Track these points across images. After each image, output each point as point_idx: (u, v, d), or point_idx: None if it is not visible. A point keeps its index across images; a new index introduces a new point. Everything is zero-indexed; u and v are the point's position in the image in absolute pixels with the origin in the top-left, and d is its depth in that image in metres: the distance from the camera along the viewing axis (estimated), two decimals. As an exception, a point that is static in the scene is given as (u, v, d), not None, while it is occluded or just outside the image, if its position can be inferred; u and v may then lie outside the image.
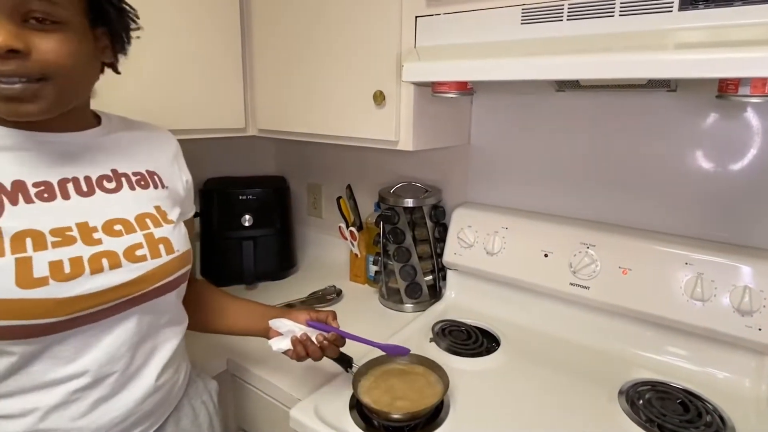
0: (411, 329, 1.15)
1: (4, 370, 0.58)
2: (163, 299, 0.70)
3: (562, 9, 0.78)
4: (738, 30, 0.64)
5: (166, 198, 0.75)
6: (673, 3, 0.69)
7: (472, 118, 1.28)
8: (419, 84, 1.00)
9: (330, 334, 0.82)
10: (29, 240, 0.57)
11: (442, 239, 1.29)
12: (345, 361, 0.91)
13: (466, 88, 0.97)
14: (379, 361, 0.92)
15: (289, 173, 1.77)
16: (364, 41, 1.03)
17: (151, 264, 0.67)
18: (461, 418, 0.84)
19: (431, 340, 1.09)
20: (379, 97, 1.01)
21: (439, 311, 1.25)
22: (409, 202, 1.25)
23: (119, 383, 0.66)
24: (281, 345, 0.82)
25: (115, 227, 0.65)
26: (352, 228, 1.43)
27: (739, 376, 0.92)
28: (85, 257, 0.60)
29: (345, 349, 0.91)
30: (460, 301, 1.29)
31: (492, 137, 1.26)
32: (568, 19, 0.78)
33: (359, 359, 0.91)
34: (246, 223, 1.44)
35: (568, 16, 0.77)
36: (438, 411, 0.84)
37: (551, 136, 1.16)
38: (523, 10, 0.81)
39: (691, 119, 0.99)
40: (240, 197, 1.45)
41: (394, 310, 1.30)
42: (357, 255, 1.46)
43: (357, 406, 0.85)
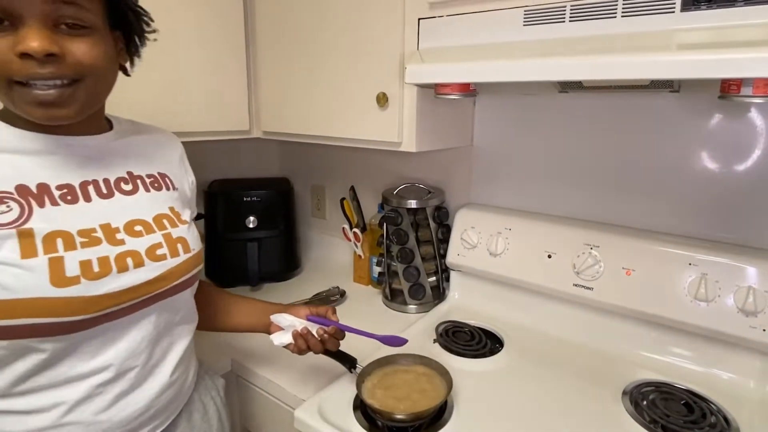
0: (415, 330, 1.15)
1: (34, 366, 0.60)
2: (179, 297, 0.73)
3: (565, 10, 0.78)
4: (740, 30, 0.64)
5: (177, 199, 0.78)
6: (675, 4, 0.69)
7: (475, 120, 1.28)
8: (422, 86, 1.00)
9: (330, 327, 0.84)
10: (60, 240, 0.60)
11: (446, 240, 1.30)
12: (349, 361, 0.91)
13: (469, 90, 0.98)
14: (383, 362, 0.92)
15: (293, 175, 1.78)
16: (367, 44, 1.04)
17: (170, 263, 0.70)
18: (465, 419, 0.84)
19: (435, 341, 1.09)
20: (382, 99, 1.02)
21: (442, 312, 1.25)
22: (412, 204, 1.25)
23: (139, 378, 0.68)
24: (283, 339, 0.84)
25: (136, 228, 0.68)
26: (355, 229, 1.43)
27: (743, 377, 0.92)
28: (112, 257, 0.63)
29: (349, 350, 0.92)
30: (464, 302, 1.29)
31: (495, 138, 1.26)
32: (570, 21, 0.78)
33: (363, 360, 0.92)
34: (250, 225, 1.45)
35: (571, 18, 0.78)
36: (441, 412, 0.85)
37: (554, 137, 1.16)
38: (525, 11, 0.82)
39: (694, 120, 0.99)
40: (244, 199, 1.46)
41: (397, 311, 1.30)
42: (360, 256, 1.46)
43: (361, 407, 0.86)
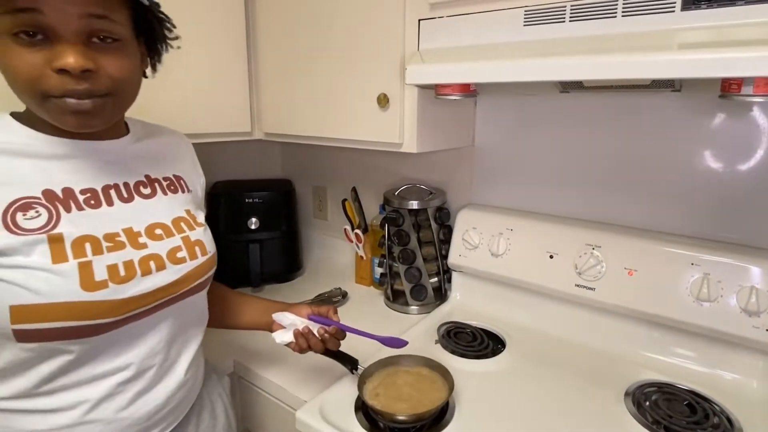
0: (416, 331, 1.15)
1: (62, 367, 0.61)
2: (194, 298, 0.75)
3: (565, 10, 0.78)
4: (741, 29, 0.64)
5: (191, 201, 0.79)
6: (675, 3, 0.69)
7: (476, 120, 1.28)
8: (422, 86, 1.00)
9: (331, 327, 0.84)
10: (88, 245, 0.61)
11: (447, 241, 1.30)
12: (350, 362, 0.91)
13: (469, 90, 0.98)
14: (384, 363, 0.92)
15: (294, 176, 1.78)
16: (367, 45, 1.04)
17: (189, 265, 0.71)
18: (466, 420, 0.84)
19: (437, 342, 1.09)
20: (383, 100, 1.02)
21: (444, 313, 1.25)
22: (413, 204, 1.25)
23: (156, 376, 0.70)
24: (284, 338, 0.85)
25: (156, 231, 0.69)
26: (357, 230, 1.43)
27: (746, 377, 0.92)
28: (136, 260, 0.65)
29: (351, 351, 0.92)
30: (466, 303, 1.29)
31: (496, 139, 1.26)
32: (570, 21, 0.78)
33: (365, 361, 0.92)
34: (252, 226, 1.45)
35: (571, 18, 0.77)
36: (443, 413, 0.85)
37: (555, 137, 1.16)
38: (525, 11, 0.82)
39: (696, 119, 0.98)
40: (246, 200, 1.46)
41: (399, 312, 1.30)
42: (362, 257, 1.46)
43: (362, 408, 0.86)
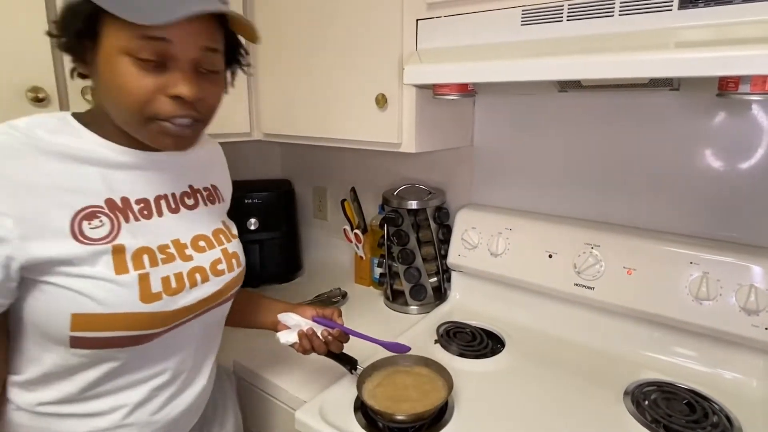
0: (416, 331, 1.15)
1: (108, 373, 0.63)
2: (224, 306, 0.76)
3: (562, 9, 0.78)
4: (738, 28, 0.64)
5: (224, 212, 0.80)
6: (672, 2, 0.69)
7: (474, 120, 1.28)
8: (421, 86, 1.00)
9: (335, 330, 0.84)
10: (146, 257, 0.62)
11: (446, 241, 1.30)
12: (350, 362, 0.91)
13: (467, 90, 0.98)
14: (383, 363, 0.92)
15: (294, 176, 1.78)
16: (365, 45, 1.04)
17: (228, 277, 0.73)
18: (466, 420, 0.84)
19: (436, 342, 1.09)
20: (381, 100, 1.02)
21: (443, 313, 1.25)
22: (412, 204, 1.25)
23: (187, 380, 0.72)
24: (289, 338, 0.85)
25: (200, 243, 0.70)
26: (356, 230, 1.43)
27: (746, 376, 0.92)
28: (185, 273, 0.66)
29: (350, 351, 0.91)
30: (465, 303, 1.29)
31: (495, 138, 1.26)
32: (568, 20, 0.78)
33: (364, 361, 0.92)
34: (252, 227, 1.45)
35: (568, 17, 0.78)
36: (442, 412, 0.85)
37: (554, 137, 1.16)
38: (523, 11, 0.82)
39: (695, 118, 0.98)
40: (246, 201, 1.46)
41: (399, 312, 1.30)
42: (362, 257, 1.46)
43: (362, 408, 0.86)
